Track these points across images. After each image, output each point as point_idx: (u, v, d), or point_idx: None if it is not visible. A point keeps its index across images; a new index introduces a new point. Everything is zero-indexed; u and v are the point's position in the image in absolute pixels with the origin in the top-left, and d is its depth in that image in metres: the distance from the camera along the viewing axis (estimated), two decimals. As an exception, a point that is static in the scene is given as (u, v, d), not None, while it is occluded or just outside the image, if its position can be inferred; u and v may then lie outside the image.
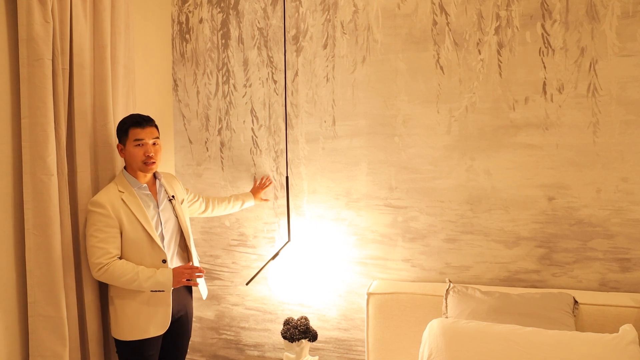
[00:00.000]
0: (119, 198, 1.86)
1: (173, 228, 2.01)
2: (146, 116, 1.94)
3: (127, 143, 1.89)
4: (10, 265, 1.72)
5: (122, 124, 1.92)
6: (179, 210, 2.04)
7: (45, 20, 1.73)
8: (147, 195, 1.95)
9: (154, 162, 1.91)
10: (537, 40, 2.14)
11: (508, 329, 1.73)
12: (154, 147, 1.92)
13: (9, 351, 1.71)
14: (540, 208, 2.19)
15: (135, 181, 1.92)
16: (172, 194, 2.04)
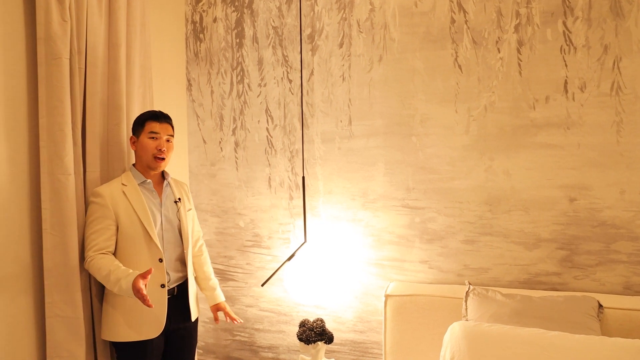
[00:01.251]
0: (120, 191, 1.83)
1: (175, 230, 1.95)
2: (165, 113, 1.94)
3: (141, 135, 1.87)
4: (28, 266, 1.71)
5: (139, 117, 1.91)
6: (182, 214, 1.97)
7: (63, 19, 1.72)
8: (150, 192, 1.90)
9: (163, 158, 1.88)
10: (558, 37, 2.10)
11: (532, 332, 1.69)
12: (167, 143, 1.90)
13: (26, 351, 1.70)
14: (562, 209, 2.15)
15: (140, 176, 1.88)
16: (179, 197, 1.99)
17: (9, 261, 1.64)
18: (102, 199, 1.79)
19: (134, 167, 1.92)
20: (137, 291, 1.59)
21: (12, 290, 1.65)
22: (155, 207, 1.89)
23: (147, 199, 1.88)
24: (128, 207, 1.82)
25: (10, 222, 1.64)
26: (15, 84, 1.65)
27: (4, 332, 1.62)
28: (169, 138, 1.91)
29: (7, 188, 1.62)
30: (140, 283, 1.60)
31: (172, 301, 1.90)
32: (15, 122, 1.65)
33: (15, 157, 1.65)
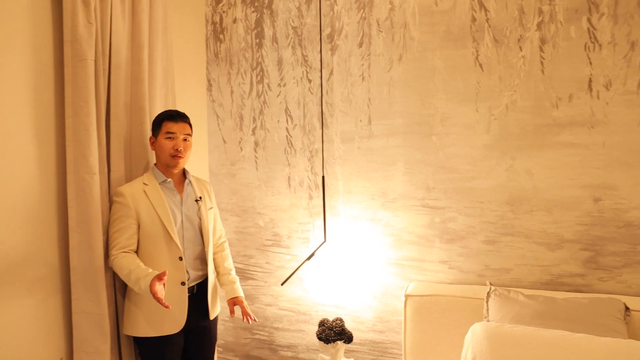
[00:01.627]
0: (141, 190, 1.86)
1: (195, 229, 1.96)
2: (182, 112, 1.96)
3: (159, 135, 1.90)
4: (56, 263, 1.75)
5: (156, 117, 1.94)
6: (203, 213, 1.98)
7: (88, 22, 1.76)
8: (171, 191, 1.93)
9: (181, 157, 1.89)
10: (582, 35, 2.06)
11: (556, 334, 1.67)
12: (184, 142, 1.91)
13: (54, 347, 1.74)
14: (586, 209, 2.11)
15: (160, 175, 1.91)
16: (200, 195, 2.01)
17: (39, 259, 1.68)
18: (123, 198, 1.82)
19: (155, 166, 1.95)
20: (153, 294, 1.62)
21: (41, 288, 1.70)
22: (175, 205, 1.91)
23: (168, 197, 1.90)
24: (149, 206, 1.84)
25: (39, 221, 1.68)
26: (44, 85, 1.69)
27: (34, 327, 1.66)
28: (186, 137, 1.93)
29: (35, 187, 1.66)
30: (156, 286, 1.62)
31: (191, 299, 1.92)
32: (43, 122, 1.69)
33: (43, 157, 1.69)
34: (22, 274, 1.62)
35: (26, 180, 1.63)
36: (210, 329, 2.05)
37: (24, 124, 1.62)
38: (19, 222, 1.61)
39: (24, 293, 1.63)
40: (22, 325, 1.62)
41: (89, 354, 1.80)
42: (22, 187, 1.61)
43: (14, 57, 1.58)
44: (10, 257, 1.58)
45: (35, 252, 1.67)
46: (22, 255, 1.62)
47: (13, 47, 1.58)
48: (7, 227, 1.57)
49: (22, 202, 1.61)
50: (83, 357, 1.80)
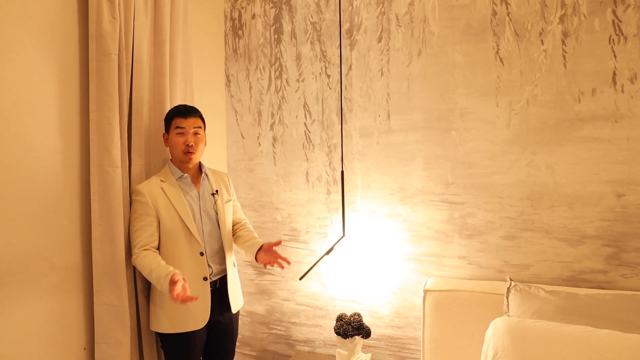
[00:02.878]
0: (158, 187, 1.87)
1: (214, 223, 1.98)
2: (190, 107, 1.95)
3: (170, 132, 1.91)
4: (78, 256, 1.78)
5: (167, 114, 1.95)
6: (220, 206, 1.99)
7: (113, 17, 1.78)
8: (188, 186, 1.93)
9: (193, 152, 1.89)
10: (607, 27, 2.03)
11: (580, 330, 1.65)
12: (195, 137, 1.91)
13: (76, 338, 1.77)
14: (608, 205, 2.09)
15: (177, 171, 1.92)
16: (216, 189, 2.01)
17: (63, 251, 1.71)
18: (142, 196, 1.84)
19: (171, 162, 1.96)
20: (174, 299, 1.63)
21: (65, 280, 1.73)
22: (193, 201, 1.92)
23: (185, 193, 1.91)
24: (167, 203, 1.86)
25: (63, 214, 1.71)
26: (69, 79, 1.72)
27: (57, 318, 1.69)
28: (197, 131, 1.92)
29: (60, 180, 1.69)
30: (175, 292, 1.62)
31: (214, 293, 1.94)
32: (68, 116, 1.72)
33: (67, 150, 1.72)
34: (46, 267, 1.65)
35: (51, 174, 1.65)
36: (232, 323, 2.06)
37: (50, 117, 1.65)
38: (44, 214, 1.64)
39: (47, 285, 1.66)
40: (46, 317, 1.65)
41: (110, 345, 1.82)
42: (46, 180, 1.64)
43: (42, 52, 1.61)
44: (35, 249, 1.61)
45: (59, 245, 1.69)
46: (46, 248, 1.65)
47: (41, 42, 1.61)
48: (33, 220, 1.60)
49: (46, 194, 1.64)
50: (104, 349, 1.82)
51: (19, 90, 1.53)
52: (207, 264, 1.91)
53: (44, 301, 1.64)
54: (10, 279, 1.53)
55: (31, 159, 1.58)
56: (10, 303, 1.53)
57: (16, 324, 1.54)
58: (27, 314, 1.58)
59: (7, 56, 1.49)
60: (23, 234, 1.56)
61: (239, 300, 2.08)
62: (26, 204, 1.57)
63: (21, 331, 1.56)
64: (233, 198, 2.12)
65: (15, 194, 1.53)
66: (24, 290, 1.57)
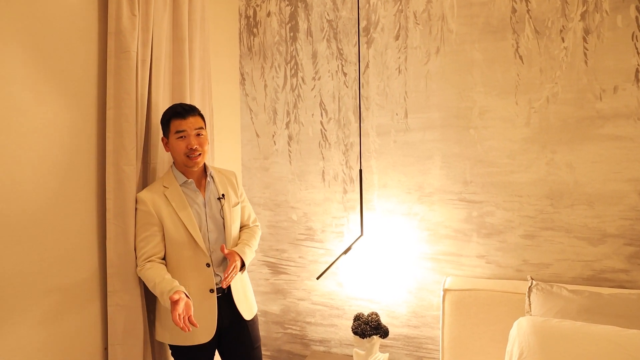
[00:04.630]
0: (161, 194, 1.75)
1: (220, 229, 1.84)
2: (188, 105, 1.80)
3: (170, 136, 1.77)
4: (94, 254, 1.75)
5: (163, 116, 1.80)
6: (227, 211, 1.84)
7: (132, 14, 1.76)
8: (193, 192, 1.80)
9: (198, 155, 1.75)
10: (630, 24, 2.02)
11: (607, 329, 1.63)
12: (197, 138, 1.75)
13: (91, 338, 1.74)
14: (630, 204, 2.07)
15: (180, 176, 1.79)
16: (223, 192, 1.86)
17: (79, 251, 1.69)
18: (144, 205, 1.74)
19: (174, 166, 1.82)
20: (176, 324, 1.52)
21: (81, 280, 1.70)
22: (199, 207, 1.80)
23: (190, 199, 1.79)
24: (171, 211, 1.74)
25: (79, 212, 1.68)
26: (86, 76, 1.70)
27: (74, 319, 1.67)
28: (199, 131, 1.77)
29: (76, 177, 1.67)
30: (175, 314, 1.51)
31: (223, 300, 1.83)
32: (85, 113, 1.69)
33: (83, 148, 1.69)
34: (61, 266, 1.62)
35: (67, 172, 1.63)
36: (247, 330, 1.92)
37: (66, 114, 1.63)
38: (60, 213, 1.61)
39: (64, 285, 1.63)
40: (62, 317, 1.63)
41: (123, 346, 1.79)
42: (62, 178, 1.61)
43: (61, 48, 1.60)
44: (52, 249, 1.59)
45: (76, 244, 1.67)
46: (63, 247, 1.63)
47: (60, 39, 1.59)
48: (48, 219, 1.58)
49: (62, 193, 1.62)
50: (118, 350, 1.78)
51: (39, 87, 1.52)
52: (214, 273, 1.81)
53: (60, 302, 1.62)
54: (27, 280, 1.51)
55: (49, 155, 1.56)
56: (31, 303, 1.51)
57: (37, 323, 1.53)
58: (43, 315, 1.57)
59: (27, 53, 1.48)
60: (38, 233, 1.54)
61: (252, 305, 1.96)
62: (42, 201, 1.55)
63: (41, 333, 1.55)
64: (242, 199, 1.98)
65: (33, 192, 1.52)
66: (41, 292, 1.56)
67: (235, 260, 1.78)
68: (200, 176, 1.84)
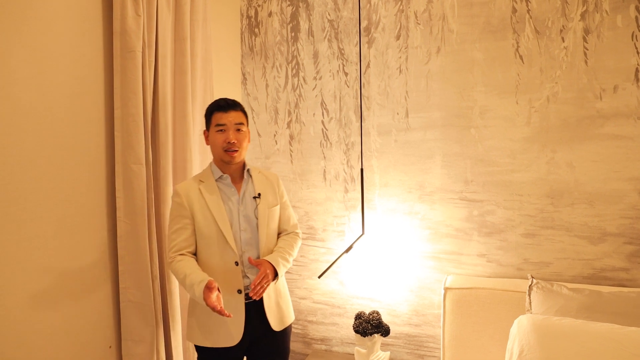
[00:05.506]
0: (196, 188, 1.72)
1: (254, 229, 1.76)
2: (232, 100, 1.77)
3: (210, 129, 1.74)
4: (105, 252, 1.78)
5: (207, 109, 1.78)
6: (261, 211, 1.76)
7: (137, 14, 1.78)
8: (228, 188, 1.75)
9: (235, 150, 1.70)
10: (629, 24, 2.03)
11: (607, 327, 1.64)
12: (237, 133, 1.71)
13: (104, 334, 1.77)
14: (630, 202, 2.08)
15: (217, 171, 1.75)
16: (259, 191, 1.78)
17: (90, 249, 1.71)
18: (179, 197, 1.71)
19: (213, 162, 1.79)
20: (210, 307, 1.50)
21: (92, 277, 1.73)
22: (233, 204, 1.74)
23: (225, 196, 1.74)
24: (203, 205, 1.70)
25: (90, 211, 1.71)
26: (93, 76, 1.72)
27: (85, 315, 1.69)
28: (239, 127, 1.73)
29: (86, 177, 1.69)
30: (210, 299, 1.50)
31: (252, 306, 1.73)
32: (92, 113, 1.71)
33: (92, 147, 1.72)
34: (74, 264, 1.64)
35: (76, 171, 1.65)
36: (276, 342, 1.80)
37: (75, 115, 1.64)
38: (71, 212, 1.63)
39: (76, 283, 1.66)
40: (75, 314, 1.65)
41: (135, 342, 1.83)
42: (72, 178, 1.64)
43: (66, 48, 1.61)
44: (62, 247, 1.60)
45: (86, 243, 1.69)
46: (74, 246, 1.64)
47: (66, 39, 1.60)
48: (60, 218, 1.59)
49: (72, 192, 1.64)
50: (130, 346, 1.83)
51: (46, 87, 1.53)
52: (244, 274, 1.72)
53: (72, 299, 1.64)
54: (44, 278, 1.52)
55: (55, 156, 1.58)
56: (47, 301, 1.53)
57: (52, 320, 1.54)
58: (57, 312, 1.58)
59: (34, 54, 1.49)
60: (51, 232, 1.56)
61: (285, 316, 1.82)
62: (54, 202, 1.57)
63: (55, 330, 1.56)
64: (282, 202, 1.88)
65: (45, 191, 1.53)
66: (57, 289, 1.57)
67: (266, 270, 1.67)
68: (238, 173, 1.80)
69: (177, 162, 2.06)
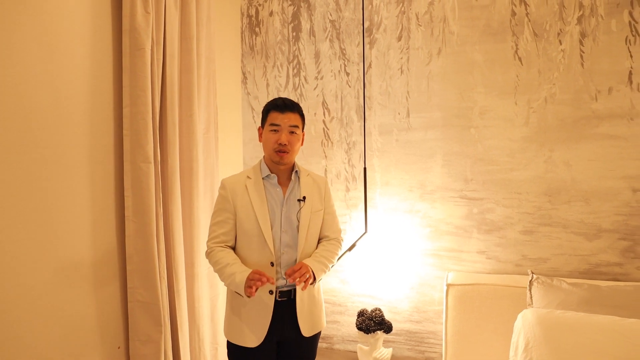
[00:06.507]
0: (243, 184, 1.71)
1: (294, 232, 1.71)
2: (290, 101, 1.72)
3: (265, 126, 1.72)
4: (113, 252, 1.76)
5: (265, 106, 1.75)
6: (304, 214, 1.72)
7: (145, 11, 1.77)
8: (274, 187, 1.72)
9: (285, 152, 1.68)
10: (623, 28, 2.11)
11: (608, 319, 1.71)
12: (290, 136, 1.69)
13: (112, 334, 1.75)
14: (624, 200, 2.16)
15: (265, 169, 1.73)
16: (305, 194, 1.74)
17: (98, 249, 1.69)
18: (224, 190, 1.71)
19: (263, 159, 1.77)
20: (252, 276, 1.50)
21: (101, 277, 1.71)
22: (276, 204, 1.71)
23: (269, 194, 1.72)
24: (247, 201, 1.68)
25: (99, 210, 1.69)
26: (102, 74, 1.70)
27: (94, 315, 1.67)
28: (293, 129, 1.69)
29: (94, 176, 1.67)
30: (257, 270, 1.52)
31: (285, 307, 1.70)
32: (101, 111, 1.70)
33: (100, 146, 1.70)
34: (83, 264, 1.63)
35: (85, 170, 1.64)
36: (304, 346, 1.78)
37: (85, 113, 1.63)
38: (79, 211, 1.62)
39: (84, 282, 1.64)
40: (85, 314, 1.63)
41: (143, 342, 1.82)
42: (81, 176, 1.62)
43: (77, 46, 1.59)
44: (70, 246, 1.59)
45: (94, 242, 1.68)
46: (82, 245, 1.63)
47: (76, 37, 1.59)
48: (69, 217, 1.58)
49: (81, 191, 1.62)
50: (138, 346, 1.81)
51: (57, 86, 1.51)
52: (279, 276, 1.69)
53: (81, 299, 1.62)
54: (52, 277, 1.51)
55: (64, 154, 1.56)
56: (56, 300, 1.51)
57: (61, 320, 1.53)
58: (66, 312, 1.56)
59: (44, 51, 1.47)
60: (60, 231, 1.54)
61: (316, 322, 1.78)
62: (63, 201, 1.55)
63: (64, 329, 1.55)
64: (326, 207, 1.83)
65: (54, 190, 1.51)
66: (66, 289, 1.56)
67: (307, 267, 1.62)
68: (287, 174, 1.77)
69: (184, 161, 2.05)
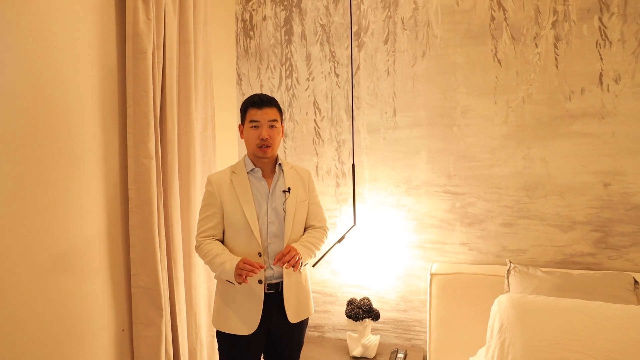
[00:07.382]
0: (228, 179, 1.80)
1: (281, 222, 1.80)
2: (266, 96, 1.81)
3: (245, 124, 1.81)
4: (119, 241, 1.89)
5: (242, 104, 1.84)
6: (289, 205, 1.80)
7: (147, 18, 1.90)
8: (259, 180, 1.81)
9: (268, 146, 1.76)
10: (594, 33, 2.25)
11: (576, 302, 1.85)
12: (270, 130, 1.77)
13: (117, 318, 1.88)
14: (596, 194, 2.30)
15: (250, 164, 1.82)
16: (289, 185, 1.82)
17: (106, 237, 1.82)
18: (210, 186, 1.81)
19: (247, 154, 1.86)
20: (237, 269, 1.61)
21: (107, 264, 1.84)
22: (262, 197, 1.80)
23: (255, 188, 1.80)
24: (233, 196, 1.77)
25: (106, 202, 1.82)
26: (108, 76, 1.83)
27: (101, 299, 1.80)
28: (273, 123, 1.78)
29: (102, 171, 1.80)
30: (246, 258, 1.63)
31: (273, 299, 1.78)
32: (108, 110, 1.83)
33: (107, 143, 1.83)
34: (91, 252, 1.75)
35: (93, 165, 1.76)
36: (292, 333, 1.86)
37: (92, 112, 1.76)
38: (88, 202, 1.74)
39: (92, 269, 1.76)
40: (91, 298, 1.76)
41: (145, 325, 1.95)
42: (91, 171, 1.75)
43: (85, 50, 1.72)
44: (81, 235, 1.71)
45: (102, 231, 1.80)
46: (91, 234, 1.75)
47: (82, 41, 1.72)
48: (78, 208, 1.70)
49: (93, 185, 1.75)
50: (140, 329, 1.94)
51: (68, 87, 1.64)
52: (267, 266, 1.77)
53: (89, 284, 1.75)
54: (64, 264, 1.63)
55: (76, 150, 1.69)
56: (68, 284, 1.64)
57: (70, 302, 1.65)
58: (73, 295, 1.69)
59: (55, 54, 1.60)
60: (71, 219, 1.67)
61: (303, 309, 1.86)
62: (74, 193, 1.68)
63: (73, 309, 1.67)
64: (311, 197, 1.92)
65: (66, 183, 1.64)
66: (74, 274, 1.68)
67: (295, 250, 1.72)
68: (270, 167, 1.85)
69: (182, 157, 2.18)
